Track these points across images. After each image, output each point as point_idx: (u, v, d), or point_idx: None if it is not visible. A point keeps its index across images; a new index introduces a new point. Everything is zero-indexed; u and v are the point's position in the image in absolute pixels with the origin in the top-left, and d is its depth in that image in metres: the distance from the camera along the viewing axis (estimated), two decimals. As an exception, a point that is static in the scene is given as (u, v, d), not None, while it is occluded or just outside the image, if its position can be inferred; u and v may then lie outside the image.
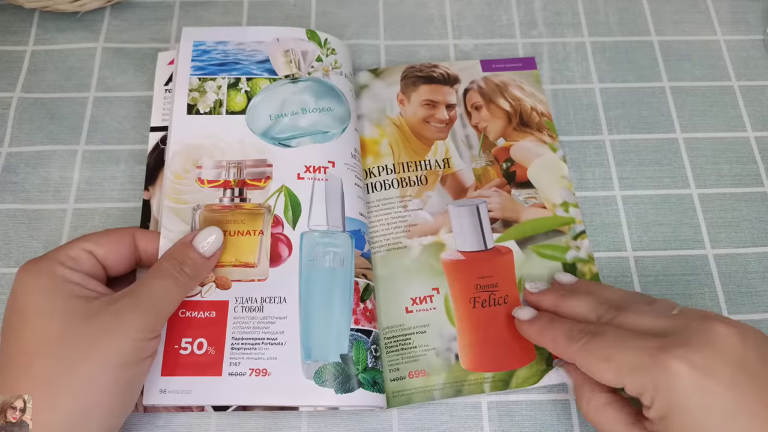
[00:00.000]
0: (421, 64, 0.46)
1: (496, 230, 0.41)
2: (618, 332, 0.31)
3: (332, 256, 0.37)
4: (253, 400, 0.34)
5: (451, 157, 0.43)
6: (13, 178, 0.43)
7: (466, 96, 0.45)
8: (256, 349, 0.35)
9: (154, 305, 0.32)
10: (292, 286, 0.36)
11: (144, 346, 0.31)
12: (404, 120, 0.44)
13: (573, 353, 0.31)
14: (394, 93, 0.45)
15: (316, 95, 0.41)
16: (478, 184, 0.42)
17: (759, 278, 0.41)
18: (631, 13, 0.51)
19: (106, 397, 0.30)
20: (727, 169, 0.45)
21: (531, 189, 0.42)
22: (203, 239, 0.35)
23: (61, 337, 0.30)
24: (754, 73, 0.49)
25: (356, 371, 0.35)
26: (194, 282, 0.35)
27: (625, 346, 0.30)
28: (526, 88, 0.46)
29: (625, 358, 0.29)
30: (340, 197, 0.38)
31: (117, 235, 0.35)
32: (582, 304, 0.34)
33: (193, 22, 0.49)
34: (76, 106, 0.45)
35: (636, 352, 0.29)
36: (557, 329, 0.33)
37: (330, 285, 0.36)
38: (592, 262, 0.41)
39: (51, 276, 0.31)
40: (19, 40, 0.48)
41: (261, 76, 0.41)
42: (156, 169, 0.41)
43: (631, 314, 0.32)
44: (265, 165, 0.38)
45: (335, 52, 0.43)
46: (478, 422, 0.37)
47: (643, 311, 0.32)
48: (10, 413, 0.29)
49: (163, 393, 0.34)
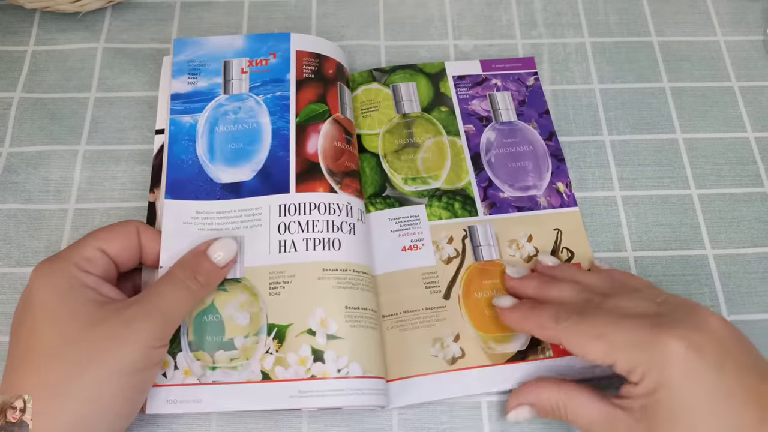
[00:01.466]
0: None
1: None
2: (609, 313, 0.32)
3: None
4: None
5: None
6: (14, 178, 0.43)
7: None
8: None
9: (165, 314, 0.32)
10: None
11: (153, 354, 0.31)
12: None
13: (560, 333, 0.32)
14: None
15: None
16: None
17: (759, 278, 0.42)
18: (631, 13, 0.51)
19: (114, 402, 0.30)
20: (727, 170, 0.45)
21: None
22: (218, 249, 0.35)
23: (71, 341, 0.30)
24: (754, 74, 0.49)
25: None
26: (206, 291, 0.35)
27: (618, 326, 0.31)
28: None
29: (619, 335, 0.30)
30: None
31: (124, 230, 0.35)
32: (566, 290, 0.35)
33: (194, 22, 0.49)
34: (76, 106, 0.45)
35: (632, 329, 0.30)
36: (542, 312, 0.33)
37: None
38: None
39: (67, 278, 0.31)
40: (20, 41, 0.48)
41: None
42: (161, 171, 0.41)
43: (617, 299, 0.33)
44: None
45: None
46: (478, 422, 0.37)
47: (630, 297, 0.33)
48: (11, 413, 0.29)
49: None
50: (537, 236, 0.41)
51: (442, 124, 0.45)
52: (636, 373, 0.30)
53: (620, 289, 0.35)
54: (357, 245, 0.38)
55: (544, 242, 0.41)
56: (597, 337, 0.31)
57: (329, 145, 0.41)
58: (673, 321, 0.30)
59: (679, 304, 0.32)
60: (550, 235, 0.42)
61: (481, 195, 0.43)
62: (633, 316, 0.31)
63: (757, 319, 0.40)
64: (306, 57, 0.43)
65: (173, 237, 0.37)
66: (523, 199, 0.43)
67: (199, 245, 0.36)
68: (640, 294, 0.34)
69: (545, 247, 0.41)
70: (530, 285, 0.37)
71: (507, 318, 0.36)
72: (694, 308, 0.31)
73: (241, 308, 0.36)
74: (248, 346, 0.35)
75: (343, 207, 0.39)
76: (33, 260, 0.40)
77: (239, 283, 0.37)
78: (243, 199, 0.39)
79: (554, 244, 0.41)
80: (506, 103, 0.46)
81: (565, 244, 0.41)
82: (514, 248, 0.41)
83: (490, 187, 0.43)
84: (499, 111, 0.46)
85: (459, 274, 0.40)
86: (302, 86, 0.42)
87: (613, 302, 0.33)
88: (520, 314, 0.35)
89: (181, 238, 0.37)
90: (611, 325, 0.31)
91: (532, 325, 0.34)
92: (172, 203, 0.38)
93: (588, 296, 0.34)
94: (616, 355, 0.30)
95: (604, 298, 0.33)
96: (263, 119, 0.41)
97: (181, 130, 0.41)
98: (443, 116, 0.45)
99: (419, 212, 0.42)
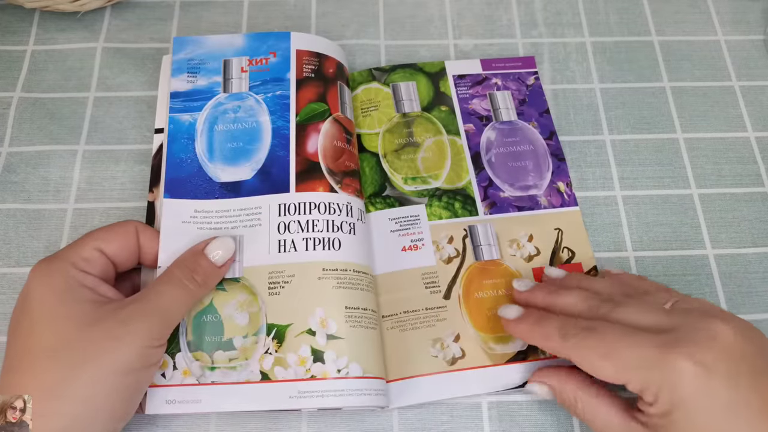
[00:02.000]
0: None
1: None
2: (615, 328, 0.31)
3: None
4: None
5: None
6: (14, 178, 0.43)
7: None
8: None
9: (162, 313, 0.32)
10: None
11: (150, 354, 0.31)
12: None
13: (568, 350, 0.31)
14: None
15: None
16: None
17: (759, 278, 0.41)
18: (632, 13, 0.51)
19: (110, 402, 0.30)
20: (727, 169, 0.45)
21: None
22: (216, 248, 0.35)
23: (68, 342, 0.30)
24: (755, 73, 0.49)
25: None
26: (204, 291, 0.35)
27: (626, 344, 0.30)
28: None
29: (627, 355, 0.29)
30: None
31: (123, 230, 0.35)
32: (573, 298, 0.34)
33: (193, 22, 0.49)
34: (76, 106, 0.45)
35: (639, 349, 0.29)
36: (548, 326, 0.33)
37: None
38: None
39: (64, 278, 0.31)
40: (19, 40, 0.48)
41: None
42: (160, 170, 0.41)
43: (625, 309, 0.32)
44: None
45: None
46: (478, 422, 0.37)
47: (637, 306, 0.32)
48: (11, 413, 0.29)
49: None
50: (537, 236, 0.41)
51: (442, 123, 0.45)
52: (649, 392, 0.29)
53: (629, 295, 0.34)
54: (357, 245, 0.38)
55: (544, 242, 0.41)
56: (605, 357, 0.30)
57: (329, 144, 0.40)
58: (680, 336, 0.29)
59: (690, 312, 0.31)
60: (550, 235, 0.42)
61: (481, 194, 0.43)
62: (640, 331, 0.30)
63: (757, 319, 0.40)
64: (306, 56, 0.43)
65: (172, 236, 0.37)
66: (524, 199, 0.43)
67: (197, 244, 0.36)
68: (650, 300, 0.33)
69: (546, 247, 0.41)
70: (538, 296, 0.36)
71: (512, 330, 0.35)
72: (704, 316, 0.30)
73: (240, 308, 0.36)
74: (247, 346, 0.35)
75: (343, 207, 0.39)
76: (32, 260, 0.40)
77: (238, 282, 0.37)
78: (242, 198, 0.39)
79: (555, 243, 0.41)
80: (506, 103, 0.46)
81: (565, 244, 0.41)
82: (514, 248, 0.41)
83: (491, 187, 0.43)
84: (500, 110, 0.46)
85: (459, 274, 0.40)
86: (302, 85, 0.42)
87: (621, 313, 0.32)
88: (526, 327, 0.34)
89: (180, 237, 0.37)
90: (616, 343, 0.30)
91: (538, 339, 0.33)
92: (171, 202, 0.38)
93: (595, 303, 0.33)
94: (627, 376, 0.29)
95: (612, 306, 0.32)
96: (263, 118, 0.41)
97: (181, 128, 0.41)
98: (443, 116, 0.45)
99: (419, 212, 0.42)
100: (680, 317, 0.31)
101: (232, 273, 0.37)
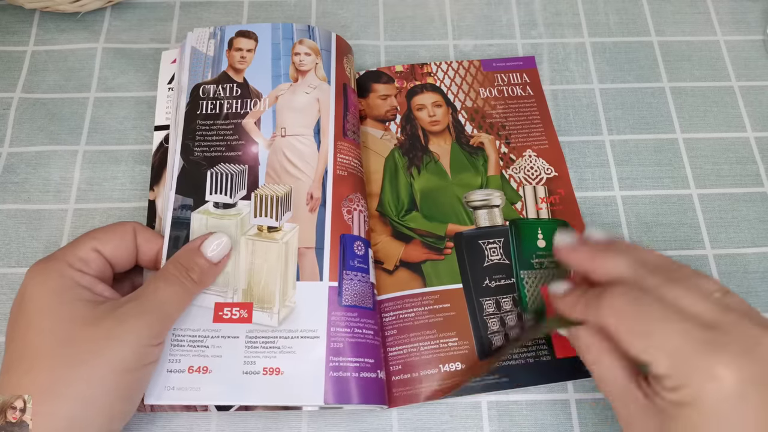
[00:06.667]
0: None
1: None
2: (662, 306, 0.28)
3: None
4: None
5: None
6: (14, 178, 0.43)
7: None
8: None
9: (159, 311, 0.32)
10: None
11: (148, 352, 0.31)
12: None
13: (604, 313, 0.29)
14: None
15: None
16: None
17: (759, 278, 0.42)
18: (631, 13, 0.51)
19: (108, 402, 0.30)
20: (727, 170, 0.45)
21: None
22: (211, 244, 0.35)
23: (65, 341, 0.30)
24: (754, 74, 0.49)
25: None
26: (200, 288, 0.35)
27: (670, 327, 0.27)
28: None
29: (667, 338, 0.27)
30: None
31: (121, 230, 0.35)
32: (620, 261, 0.31)
33: (194, 22, 0.49)
34: (76, 106, 0.45)
35: (683, 337, 0.27)
36: (591, 294, 0.30)
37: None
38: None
39: (60, 278, 0.31)
40: (20, 41, 0.48)
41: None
42: (161, 168, 0.41)
43: (675, 287, 0.29)
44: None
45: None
46: (478, 422, 0.37)
47: (687, 290, 0.29)
48: (10, 413, 0.29)
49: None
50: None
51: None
52: (672, 380, 0.27)
53: (676, 272, 0.30)
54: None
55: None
56: (643, 334, 0.28)
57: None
58: (728, 341, 0.27)
59: (741, 316, 0.28)
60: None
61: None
62: (689, 318, 0.27)
63: (757, 318, 0.40)
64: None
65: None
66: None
67: (192, 241, 0.36)
68: (701, 285, 0.29)
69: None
70: (581, 254, 0.32)
71: (559, 305, 0.32)
72: (755, 329, 0.27)
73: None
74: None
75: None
76: (32, 260, 0.40)
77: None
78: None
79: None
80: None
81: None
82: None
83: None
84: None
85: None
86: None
87: (668, 289, 0.29)
88: (571, 300, 0.32)
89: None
90: (663, 322, 0.27)
91: (580, 308, 0.31)
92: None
93: (643, 273, 0.30)
94: (656, 356, 0.27)
95: (662, 281, 0.29)
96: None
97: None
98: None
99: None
100: (730, 316, 0.28)
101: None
